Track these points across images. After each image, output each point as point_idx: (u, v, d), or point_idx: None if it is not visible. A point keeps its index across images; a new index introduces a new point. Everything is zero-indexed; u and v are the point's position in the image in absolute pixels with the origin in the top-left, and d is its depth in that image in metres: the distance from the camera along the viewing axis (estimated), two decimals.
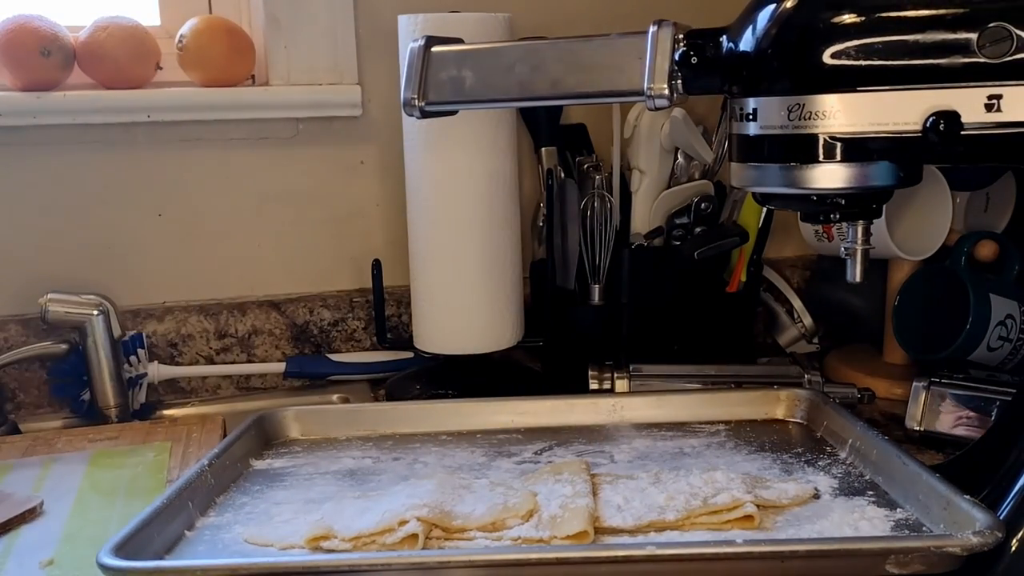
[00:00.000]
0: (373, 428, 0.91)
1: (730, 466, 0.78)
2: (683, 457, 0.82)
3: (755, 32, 0.63)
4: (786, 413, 0.90)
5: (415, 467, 0.83)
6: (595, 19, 1.15)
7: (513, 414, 0.91)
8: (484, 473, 0.80)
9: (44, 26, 1.00)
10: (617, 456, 0.83)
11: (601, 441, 0.86)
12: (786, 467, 0.78)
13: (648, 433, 0.88)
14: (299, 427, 0.91)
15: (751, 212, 1.07)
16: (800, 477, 0.76)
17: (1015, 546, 0.64)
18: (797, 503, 0.70)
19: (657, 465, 0.79)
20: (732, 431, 0.88)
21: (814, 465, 0.79)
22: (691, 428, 0.89)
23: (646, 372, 0.98)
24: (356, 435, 0.91)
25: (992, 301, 0.98)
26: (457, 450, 0.86)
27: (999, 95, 0.58)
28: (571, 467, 0.76)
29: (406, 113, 0.76)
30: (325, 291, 1.16)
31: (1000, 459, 0.69)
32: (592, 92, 0.71)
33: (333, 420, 0.92)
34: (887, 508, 0.70)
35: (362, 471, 0.83)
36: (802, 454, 0.81)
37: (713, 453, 0.82)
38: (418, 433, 0.90)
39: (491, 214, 1.01)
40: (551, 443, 0.86)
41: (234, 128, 1.10)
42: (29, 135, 1.03)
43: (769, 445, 0.84)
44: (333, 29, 1.10)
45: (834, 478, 0.76)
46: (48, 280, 1.03)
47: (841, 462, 0.79)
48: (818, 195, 0.65)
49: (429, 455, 0.85)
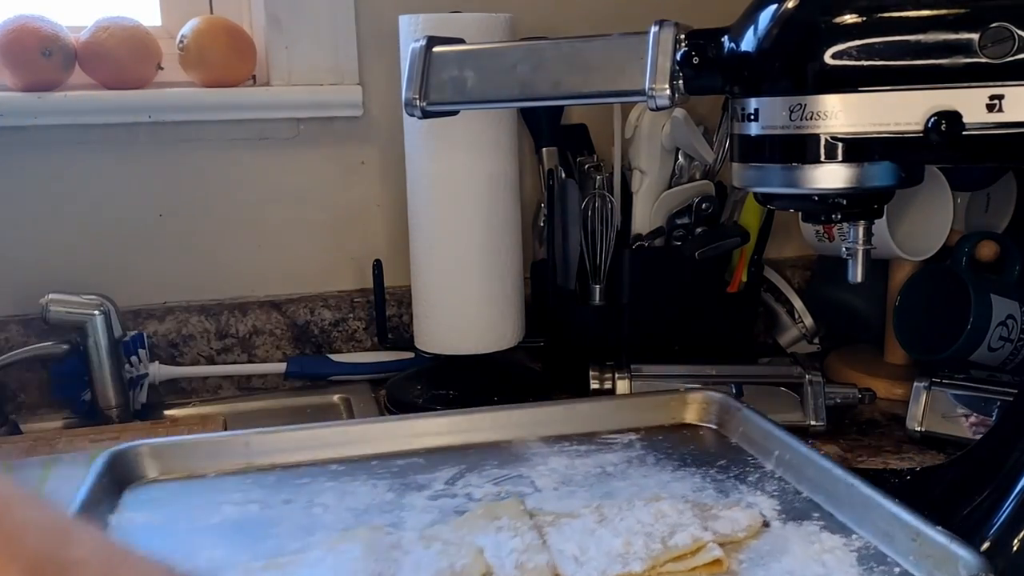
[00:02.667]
0: (247, 460, 0.78)
1: (661, 487, 0.73)
2: (609, 480, 0.75)
3: (756, 32, 0.63)
4: (696, 417, 0.86)
5: (314, 512, 0.70)
6: (596, 19, 1.15)
7: (409, 435, 0.82)
8: (400, 517, 0.69)
9: (45, 26, 1.00)
10: (539, 482, 0.75)
11: (514, 462, 0.78)
12: (720, 486, 0.73)
13: (560, 448, 0.81)
14: (158, 465, 0.76)
15: (752, 212, 1.07)
16: (740, 499, 0.71)
17: (1016, 546, 0.64)
18: (751, 535, 0.65)
19: (587, 492, 0.73)
20: (645, 441, 0.82)
21: (745, 482, 0.74)
22: (602, 439, 0.82)
23: (647, 372, 0.97)
24: (228, 469, 0.77)
25: (993, 301, 0.98)
26: (355, 484, 0.75)
27: (1001, 95, 0.58)
28: (507, 509, 0.69)
29: (407, 113, 0.76)
30: (326, 291, 1.16)
31: (1001, 460, 0.69)
32: (593, 92, 0.71)
33: (198, 454, 0.78)
34: (841, 534, 0.65)
35: (251, 523, 0.69)
36: (727, 467, 0.77)
37: (638, 472, 0.76)
38: (303, 463, 0.78)
39: (492, 214, 1.01)
40: (460, 468, 0.77)
41: (235, 128, 1.10)
42: (30, 135, 1.03)
43: (690, 458, 0.79)
44: (334, 29, 1.10)
45: (772, 497, 0.71)
46: (49, 280, 1.03)
47: (771, 476, 0.75)
48: (819, 195, 0.65)
49: (325, 493, 0.73)
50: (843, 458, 0.90)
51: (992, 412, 0.89)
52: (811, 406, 0.94)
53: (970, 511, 0.69)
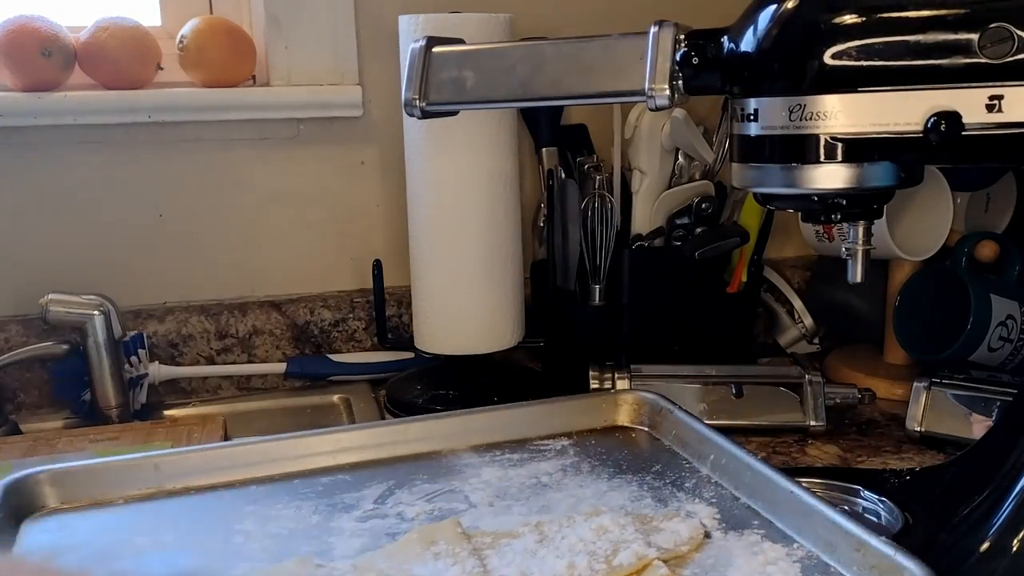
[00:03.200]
0: (159, 485, 0.72)
1: (599, 497, 0.71)
2: (545, 491, 0.72)
3: (756, 32, 0.63)
4: (628, 419, 0.84)
5: (235, 541, 0.65)
6: (596, 19, 1.15)
7: (334, 450, 0.77)
8: (329, 543, 0.65)
9: (45, 26, 1.00)
10: (473, 496, 0.72)
11: (446, 475, 0.75)
12: (657, 494, 0.71)
13: (492, 458, 0.78)
14: (59, 494, 0.70)
15: (752, 212, 1.07)
16: (679, 508, 0.69)
17: (1016, 546, 0.64)
18: (694, 547, 0.64)
19: (524, 507, 0.70)
20: (578, 446, 0.80)
21: (683, 488, 0.72)
22: (534, 446, 0.80)
23: (646, 372, 0.97)
24: (138, 496, 0.71)
25: (993, 301, 0.98)
26: (278, 506, 0.70)
27: (1000, 96, 0.58)
28: (443, 532, 0.66)
29: (407, 113, 0.76)
30: (326, 291, 1.16)
31: (1001, 460, 0.69)
32: (593, 92, 0.71)
33: (104, 480, 0.72)
34: (783, 543, 0.64)
35: (165, 557, 0.63)
36: (663, 473, 0.75)
37: (574, 482, 0.74)
38: (219, 485, 0.73)
39: (492, 214, 1.01)
40: (389, 484, 0.74)
41: (235, 128, 1.10)
42: (30, 136, 1.03)
43: (625, 464, 0.77)
44: (334, 29, 1.10)
45: (710, 504, 0.70)
46: (49, 280, 1.03)
47: (707, 480, 0.73)
48: (819, 195, 0.65)
49: (246, 519, 0.68)
50: (843, 458, 0.90)
51: (992, 412, 0.89)
52: (811, 406, 0.95)
53: (970, 511, 0.69)
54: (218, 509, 0.70)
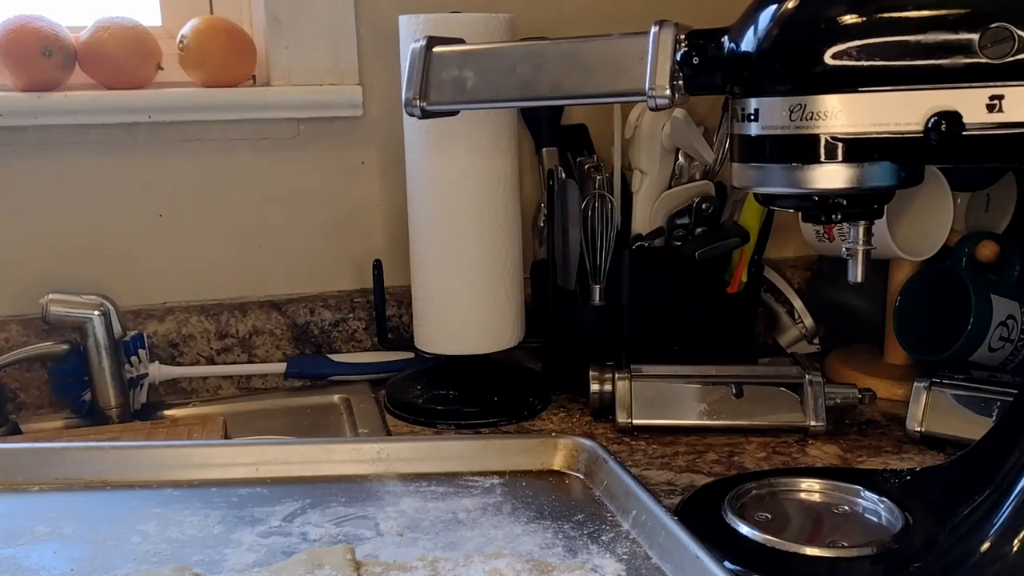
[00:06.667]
0: (78, 475, 0.73)
1: (509, 540, 0.69)
2: (458, 527, 0.71)
3: (756, 32, 0.63)
4: (564, 464, 0.81)
5: (131, 540, 0.65)
6: (596, 19, 1.15)
7: (258, 462, 0.77)
8: (222, 555, 0.64)
9: (45, 26, 1.00)
10: (383, 524, 0.71)
11: (363, 500, 0.74)
12: (569, 543, 0.69)
13: (417, 488, 0.76)
14: None
15: (752, 212, 1.07)
16: (586, 561, 0.66)
17: (1016, 546, 0.64)
18: None
19: (430, 541, 0.68)
20: (507, 487, 0.78)
21: (598, 541, 0.69)
22: (464, 481, 0.78)
23: (646, 372, 0.97)
24: (54, 484, 0.72)
25: (993, 302, 0.98)
26: (185, 512, 0.69)
27: (1001, 95, 0.58)
28: (332, 557, 0.64)
29: (407, 113, 0.76)
30: (326, 291, 1.16)
31: (1001, 460, 0.69)
32: (593, 92, 0.71)
33: (21, 464, 0.73)
34: None
35: (55, 548, 0.63)
36: (584, 523, 0.72)
37: (490, 522, 0.72)
38: (136, 483, 0.73)
39: (492, 214, 1.01)
40: (304, 503, 0.73)
41: (235, 128, 1.10)
42: (30, 135, 1.03)
43: (548, 509, 0.74)
44: (334, 29, 1.10)
45: (620, 560, 0.66)
46: (49, 280, 1.03)
47: (625, 536, 0.70)
48: (819, 195, 0.65)
49: (149, 520, 0.68)
50: (843, 458, 0.90)
51: (992, 412, 0.89)
52: (811, 406, 0.94)
53: (970, 511, 0.69)
54: (127, 507, 0.70)
